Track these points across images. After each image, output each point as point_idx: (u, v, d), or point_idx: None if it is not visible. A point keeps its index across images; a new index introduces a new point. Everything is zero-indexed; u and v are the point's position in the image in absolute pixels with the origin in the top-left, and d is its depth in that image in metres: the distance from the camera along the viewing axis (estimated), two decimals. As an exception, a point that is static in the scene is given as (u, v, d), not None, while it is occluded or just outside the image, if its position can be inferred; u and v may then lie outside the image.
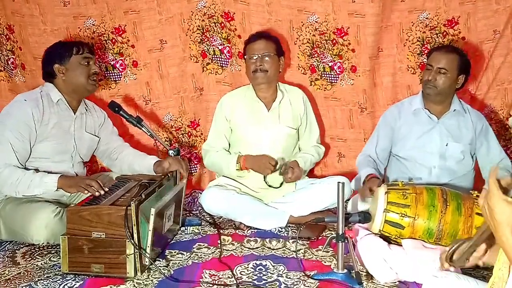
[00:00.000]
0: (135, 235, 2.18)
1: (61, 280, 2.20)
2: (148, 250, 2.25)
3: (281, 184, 3.02)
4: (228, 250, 2.56)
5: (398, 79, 3.38)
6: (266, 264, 2.38)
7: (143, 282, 2.18)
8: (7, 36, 3.39)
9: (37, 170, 2.62)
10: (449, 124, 2.90)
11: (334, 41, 3.34)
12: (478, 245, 1.58)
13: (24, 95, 2.78)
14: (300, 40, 3.37)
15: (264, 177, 2.99)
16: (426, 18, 3.27)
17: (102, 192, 2.42)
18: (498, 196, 1.29)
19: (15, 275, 2.27)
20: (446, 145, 2.88)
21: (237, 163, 2.98)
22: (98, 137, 2.97)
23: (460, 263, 1.64)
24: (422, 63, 3.28)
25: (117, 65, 3.39)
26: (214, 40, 3.40)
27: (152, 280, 2.20)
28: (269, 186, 3.01)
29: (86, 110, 2.91)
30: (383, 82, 3.40)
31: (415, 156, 2.91)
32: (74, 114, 2.81)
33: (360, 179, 2.82)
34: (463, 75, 2.86)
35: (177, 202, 2.68)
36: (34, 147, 2.66)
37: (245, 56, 3.08)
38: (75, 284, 2.16)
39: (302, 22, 3.32)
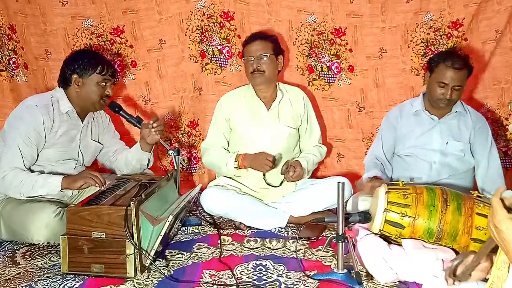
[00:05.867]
0: (135, 235, 2.18)
1: (61, 280, 2.19)
2: (152, 253, 2.24)
3: (281, 183, 3.01)
4: (228, 250, 2.56)
5: (401, 80, 3.39)
6: (266, 264, 2.38)
7: (143, 282, 2.18)
8: (9, 36, 3.39)
9: (41, 173, 2.64)
10: (449, 124, 2.94)
11: (332, 41, 3.35)
12: (480, 259, 1.57)
13: (35, 99, 2.73)
14: (298, 41, 3.37)
15: (264, 175, 2.98)
16: (430, 20, 3.27)
17: (103, 188, 2.44)
18: (503, 215, 1.28)
19: (15, 275, 2.26)
20: (446, 143, 2.91)
21: (235, 161, 2.97)
22: (102, 144, 2.99)
23: (464, 278, 1.62)
24: (425, 64, 3.27)
25: (116, 66, 3.37)
26: (214, 40, 3.40)
27: (152, 280, 2.20)
28: (268, 184, 3.00)
29: (93, 118, 2.92)
30: (386, 83, 3.40)
31: (416, 153, 2.94)
32: (82, 123, 2.82)
33: (362, 181, 2.83)
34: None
35: (187, 205, 2.70)
36: (40, 153, 2.67)
37: (243, 58, 3.08)
38: (75, 284, 2.16)
39: (301, 22, 3.33)
